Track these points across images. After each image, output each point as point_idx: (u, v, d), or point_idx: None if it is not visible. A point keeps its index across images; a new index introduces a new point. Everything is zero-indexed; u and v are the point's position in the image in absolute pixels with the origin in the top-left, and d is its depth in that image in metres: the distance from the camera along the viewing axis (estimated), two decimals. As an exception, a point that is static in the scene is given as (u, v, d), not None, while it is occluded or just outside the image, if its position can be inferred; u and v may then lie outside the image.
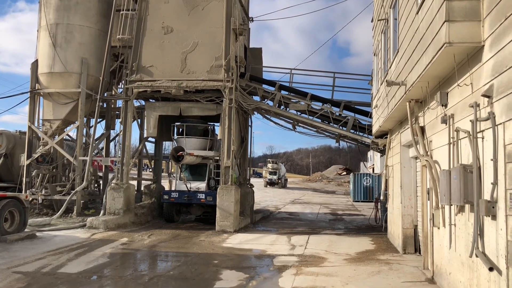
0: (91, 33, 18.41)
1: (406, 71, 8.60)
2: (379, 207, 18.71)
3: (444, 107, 7.34)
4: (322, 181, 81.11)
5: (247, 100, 17.00)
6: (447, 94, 7.27)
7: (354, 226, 18.47)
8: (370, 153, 49.11)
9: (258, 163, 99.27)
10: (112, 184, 16.41)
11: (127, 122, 16.75)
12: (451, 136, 6.94)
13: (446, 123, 7.18)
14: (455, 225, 6.86)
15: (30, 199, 14.94)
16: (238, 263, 10.28)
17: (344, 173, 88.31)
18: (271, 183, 58.44)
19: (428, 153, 8.55)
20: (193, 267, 9.54)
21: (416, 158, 11.51)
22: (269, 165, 60.92)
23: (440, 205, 7.63)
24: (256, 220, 19.32)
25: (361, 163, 67.00)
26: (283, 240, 13.94)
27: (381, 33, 12.78)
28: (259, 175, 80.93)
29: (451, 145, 6.94)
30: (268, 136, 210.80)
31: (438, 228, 7.90)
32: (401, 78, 9.07)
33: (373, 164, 45.56)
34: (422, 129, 9.03)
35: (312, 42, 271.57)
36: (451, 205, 6.70)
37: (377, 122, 13.70)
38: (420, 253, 11.21)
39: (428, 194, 8.77)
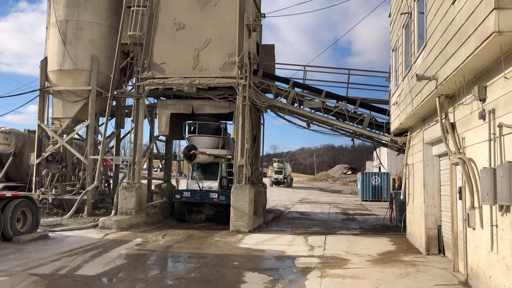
0: (101, 29, 18.12)
1: (437, 65, 8.24)
2: (394, 206, 18.32)
3: (482, 101, 6.99)
4: (327, 180, 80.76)
5: (261, 98, 16.65)
6: (486, 88, 6.91)
7: (369, 226, 18.11)
8: (377, 152, 48.66)
9: (262, 162, 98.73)
10: (124, 184, 16.10)
11: (139, 120, 16.44)
12: (492, 132, 6.59)
13: (484, 119, 6.83)
14: (497, 226, 6.50)
15: (41, 198, 14.67)
16: (258, 265, 9.95)
17: (350, 172, 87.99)
18: (277, 182, 58.13)
19: (461, 150, 8.19)
20: (213, 269, 9.21)
21: (439, 156, 11.15)
22: (275, 164, 60.56)
23: (478, 205, 7.28)
24: (268, 220, 18.99)
25: (367, 162, 66.61)
26: (300, 240, 13.61)
27: (402, 27, 12.41)
28: (264, 174, 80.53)
29: (492, 142, 6.59)
30: (270, 135, 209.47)
31: (474, 229, 7.54)
32: (430, 72, 8.70)
33: (380, 163, 45.14)
34: (453, 125, 8.68)
35: (314, 41, 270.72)
36: (495, 205, 6.35)
37: (397, 120, 13.33)
38: (444, 254, 10.87)
39: (460, 193, 8.41)
